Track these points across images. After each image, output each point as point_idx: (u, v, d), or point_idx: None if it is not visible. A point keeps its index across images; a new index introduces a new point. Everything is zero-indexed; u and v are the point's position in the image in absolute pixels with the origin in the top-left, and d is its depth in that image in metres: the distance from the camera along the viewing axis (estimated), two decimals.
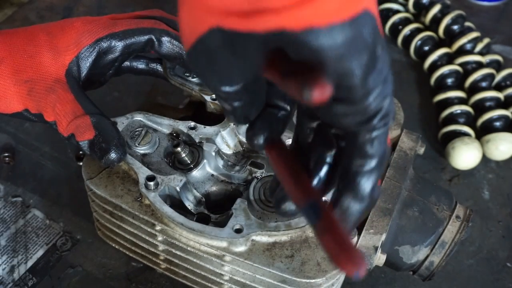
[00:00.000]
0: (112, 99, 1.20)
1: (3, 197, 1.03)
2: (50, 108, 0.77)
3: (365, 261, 0.73)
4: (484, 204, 1.09)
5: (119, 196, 0.80)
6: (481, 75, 1.19)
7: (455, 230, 0.81)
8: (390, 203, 0.79)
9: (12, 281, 0.92)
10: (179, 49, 0.85)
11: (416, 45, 1.28)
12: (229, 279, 0.79)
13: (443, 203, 0.82)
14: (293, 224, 0.75)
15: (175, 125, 0.86)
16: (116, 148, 0.76)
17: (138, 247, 0.86)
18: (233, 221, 0.74)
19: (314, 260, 0.74)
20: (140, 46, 0.84)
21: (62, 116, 0.76)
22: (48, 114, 0.77)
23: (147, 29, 0.84)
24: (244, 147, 0.87)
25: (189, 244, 0.77)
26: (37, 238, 0.98)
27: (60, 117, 0.77)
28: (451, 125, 1.14)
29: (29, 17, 1.37)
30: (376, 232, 0.76)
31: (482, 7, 1.47)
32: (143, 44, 0.84)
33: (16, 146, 1.10)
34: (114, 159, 0.76)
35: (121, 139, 0.78)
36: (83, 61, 0.81)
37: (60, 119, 0.77)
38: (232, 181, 0.84)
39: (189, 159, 0.83)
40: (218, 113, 0.88)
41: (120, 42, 0.82)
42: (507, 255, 1.02)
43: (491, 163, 1.15)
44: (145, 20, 0.85)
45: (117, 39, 0.82)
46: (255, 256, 0.74)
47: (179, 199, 0.80)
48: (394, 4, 1.36)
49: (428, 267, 0.82)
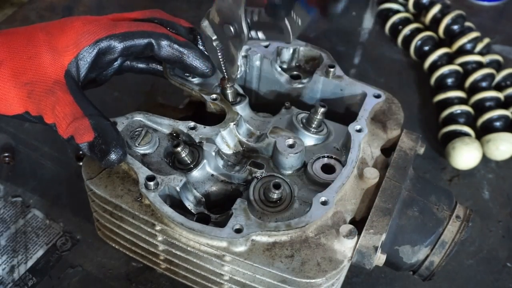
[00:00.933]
0: (112, 99, 1.20)
1: (3, 197, 1.03)
2: (49, 110, 0.77)
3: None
4: (484, 204, 1.09)
5: (119, 196, 0.79)
6: (481, 75, 1.19)
7: (455, 230, 0.81)
8: (390, 203, 0.79)
9: (12, 281, 0.92)
10: (179, 53, 0.85)
11: (416, 45, 1.28)
12: (229, 279, 0.79)
13: (443, 203, 0.82)
14: (293, 224, 0.75)
15: (175, 125, 0.86)
16: (116, 149, 0.76)
17: (138, 247, 0.86)
18: (233, 221, 0.74)
19: (314, 260, 0.74)
20: (139, 49, 0.84)
21: (61, 118, 0.76)
22: (48, 117, 0.77)
23: (147, 32, 0.84)
24: (244, 147, 0.87)
25: (189, 244, 0.77)
26: (37, 238, 0.98)
27: (59, 119, 0.77)
28: (451, 125, 1.14)
29: (29, 17, 1.37)
30: (376, 232, 0.76)
31: (482, 7, 1.47)
32: (142, 47, 0.84)
33: (16, 146, 1.11)
34: (114, 160, 0.76)
35: (121, 140, 0.78)
36: (82, 61, 0.81)
37: (59, 121, 0.77)
38: (232, 181, 0.84)
39: (189, 159, 0.83)
40: (218, 113, 0.88)
41: (120, 43, 0.82)
42: (507, 255, 1.02)
43: (491, 163, 1.15)
44: (145, 23, 0.85)
45: (117, 40, 0.82)
46: (255, 256, 0.74)
47: (179, 199, 0.80)
48: (394, 4, 1.37)
49: (428, 267, 0.82)
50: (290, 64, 1.00)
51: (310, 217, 0.76)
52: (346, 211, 0.79)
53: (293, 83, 0.96)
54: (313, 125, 0.88)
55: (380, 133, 0.89)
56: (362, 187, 0.82)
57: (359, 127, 0.86)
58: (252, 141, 0.87)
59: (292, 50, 0.98)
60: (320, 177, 0.83)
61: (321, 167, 0.85)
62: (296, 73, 0.99)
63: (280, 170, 0.84)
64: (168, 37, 0.84)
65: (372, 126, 0.89)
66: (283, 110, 0.92)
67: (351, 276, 0.96)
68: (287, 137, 0.84)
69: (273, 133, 0.85)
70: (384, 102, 0.91)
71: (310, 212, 0.76)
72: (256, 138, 0.87)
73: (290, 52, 0.98)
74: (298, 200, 0.81)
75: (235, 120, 0.86)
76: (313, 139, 0.88)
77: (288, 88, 0.96)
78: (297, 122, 0.89)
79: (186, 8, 1.43)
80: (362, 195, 0.81)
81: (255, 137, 0.88)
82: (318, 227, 0.77)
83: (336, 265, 0.74)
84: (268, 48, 0.96)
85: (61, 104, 0.77)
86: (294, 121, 0.88)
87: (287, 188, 0.82)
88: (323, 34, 1.38)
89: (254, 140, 0.87)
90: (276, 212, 0.79)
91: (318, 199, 0.77)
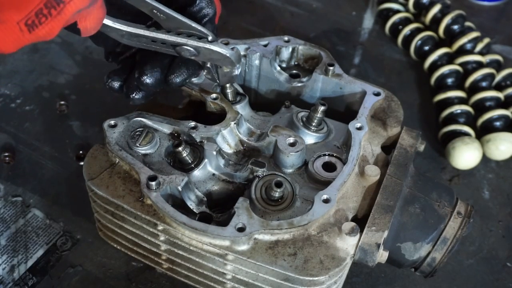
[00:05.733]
0: (112, 99, 1.20)
1: (3, 197, 1.03)
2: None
3: None
4: (484, 204, 1.09)
5: (121, 197, 0.79)
6: (481, 75, 1.19)
7: (456, 226, 0.81)
8: (391, 200, 0.79)
9: (12, 281, 0.92)
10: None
11: (416, 45, 1.29)
12: (232, 278, 0.79)
13: (444, 200, 0.82)
14: (295, 223, 0.75)
15: (175, 125, 0.85)
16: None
17: (140, 247, 0.85)
18: (236, 220, 0.74)
19: (317, 258, 0.74)
20: None
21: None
22: None
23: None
24: (245, 146, 0.87)
25: (192, 244, 0.77)
26: (37, 237, 0.97)
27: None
28: (451, 125, 1.14)
29: None
30: (378, 230, 0.76)
31: (482, 7, 1.47)
32: None
33: (16, 146, 1.10)
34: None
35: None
36: None
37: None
38: (233, 180, 0.84)
39: (190, 159, 0.83)
40: (218, 113, 0.88)
41: None
42: (507, 255, 1.02)
43: (491, 163, 1.15)
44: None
45: None
46: (257, 255, 0.74)
47: (180, 198, 0.79)
48: (394, 4, 1.37)
49: (430, 264, 0.82)
50: (289, 63, 1.00)
51: (312, 215, 0.76)
52: (348, 209, 0.79)
53: (292, 82, 0.96)
54: (314, 124, 0.88)
55: (380, 131, 0.89)
56: (364, 184, 0.82)
57: (360, 125, 0.86)
58: (252, 140, 0.87)
59: (291, 49, 0.98)
60: (321, 175, 0.83)
61: (322, 165, 0.85)
62: (295, 71, 0.99)
63: (281, 168, 0.84)
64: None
65: (372, 124, 0.89)
66: (283, 109, 0.92)
67: (351, 276, 0.96)
68: (287, 136, 0.84)
69: (274, 132, 0.85)
70: (383, 100, 0.91)
71: (312, 210, 0.76)
72: (257, 137, 0.87)
73: (289, 51, 0.99)
74: (300, 198, 0.81)
75: (236, 119, 0.86)
76: (314, 137, 0.88)
77: (287, 87, 0.96)
78: (298, 121, 0.89)
79: None
80: (364, 193, 0.81)
81: (255, 136, 0.88)
82: (320, 225, 0.77)
83: (339, 263, 0.74)
84: (267, 47, 0.96)
85: None
86: (294, 119, 0.89)
87: (288, 186, 0.82)
88: (323, 34, 1.39)
89: (254, 139, 0.87)
90: (278, 211, 0.79)
91: (320, 197, 0.77)
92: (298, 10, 1.45)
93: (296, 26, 1.41)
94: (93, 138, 1.12)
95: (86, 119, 1.16)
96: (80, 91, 1.21)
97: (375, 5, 1.44)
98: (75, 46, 1.31)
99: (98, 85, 1.23)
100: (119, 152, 0.81)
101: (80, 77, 1.24)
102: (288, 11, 1.45)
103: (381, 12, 1.39)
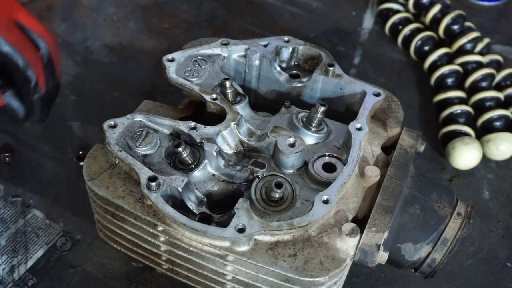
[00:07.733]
0: (112, 99, 1.20)
1: (3, 197, 1.02)
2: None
3: None
4: (484, 204, 1.09)
5: (121, 197, 0.79)
6: (481, 75, 1.19)
7: (456, 227, 0.81)
8: (391, 201, 0.79)
9: (12, 281, 0.92)
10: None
11: (416, 45, 1.29)
12: (232, 278, 0.79)
13: (444, 200, 0.82)
14: (296, 223, 0.75)
15: (175, 126, 0.85)
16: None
17: (140, 248, 0.85)
18: (236, 220, 0.74)
19: (317, 259, 0.74)
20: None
21: None
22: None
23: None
24: (245, 146, 0.87)
25: (192, 244, 0.77)
26: (37, 238, 0.97)
27: None
28: (451, 125, 1.14)
29: None
30: (378, 230, 0.76)
31: (482, 7, 1.47)
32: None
33: (16, 146, 1.10)
34: None
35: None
36: None
37: None
38: (233, 181, 0.84)
39: (190, 159, 0.83)
40: (218, 113, 0.88)
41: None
42: (507, 255, 1.02)
43: (491, 163, 1.15)
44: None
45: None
46: (258, 256, 0.74)
47: (180, 199, 0.79)
48: (394, 4, 1.37)
49: (430, 264, 0.82)
50: (289, 63, 1.00)
51: (312, 216, 0.75)
52: (348, 210, 0.79)
53: (292, 82, 0.96)
54: (314, 124, 0.88)
55: (380, 131, 0.89)
56: (364, 185, 0.82)
57: (360, 126, 0.86)
58: (253, 140, 0.87)
59: (291, 49, 0.98)
60: (321, 175, 0.83)
61: (322, 165, 0.85)
62: (295, 72, 0.99)
63: (281, 169, 0.84)
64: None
65: (372, 124, 0.89)
66: (283, 109, 0.92)
67: (351, 276, 0.96)
68: (288, 136, 0.84)
69: (274, 132, 0.85)
70: (383, 100, 0.91)
71: (312, 211, 0.76)
72: (257, 138, 0.87)
73: (289, 51, 0.99)
74: (300, 199, 0.81)
75: (236, 120, 0.85)
76: (314, 138, 0.88)
77: (287, 87, 0.96)
78: (298, 121, 0.89)
79: (186, 8, 1.43)
80: (364, 194, 0.81)
81: (255, 136, 0.88)
82: (321, 225, 0.77)
83: (339, 264, 0.74)
84: (267, 47, 0.96)
85: None
86: (294, 120, 0.88)
87: (288, 187, 0.82)
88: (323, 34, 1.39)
89: (255, 140, 0.87)
90: (278, 211, 0.79)
91: (320, 198, 0.77)
92: (298, 10, 1.45)
93: (296, 26, 1.41)
94: (93, 139, 1.12)
95: (86, 119, 1.16)
96: (80, 91, 1.21)
97: (375, 5, 1.44)
98: (75, 46, 1.31)
99: (98, 85, 1.23)
100: (119, 152, 0.81)
101: (80, 77, 1.24)
102: (288, 11, 1.45)
103: (381, 12, 1.39)
